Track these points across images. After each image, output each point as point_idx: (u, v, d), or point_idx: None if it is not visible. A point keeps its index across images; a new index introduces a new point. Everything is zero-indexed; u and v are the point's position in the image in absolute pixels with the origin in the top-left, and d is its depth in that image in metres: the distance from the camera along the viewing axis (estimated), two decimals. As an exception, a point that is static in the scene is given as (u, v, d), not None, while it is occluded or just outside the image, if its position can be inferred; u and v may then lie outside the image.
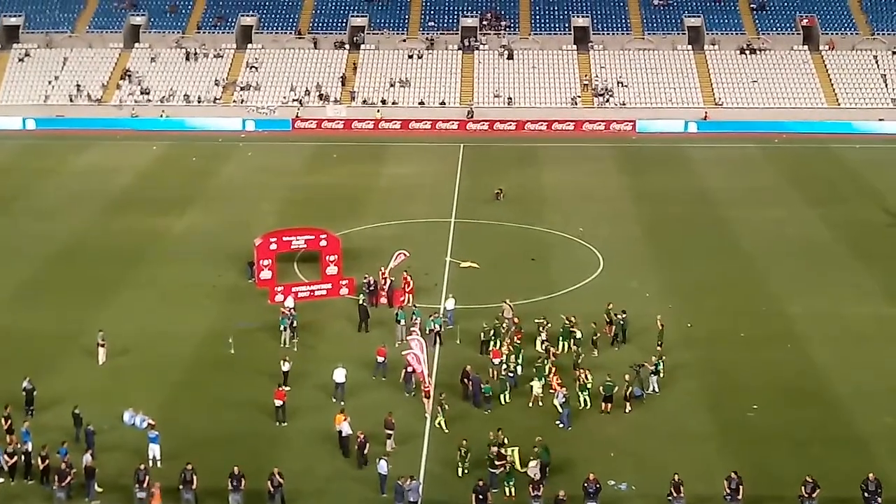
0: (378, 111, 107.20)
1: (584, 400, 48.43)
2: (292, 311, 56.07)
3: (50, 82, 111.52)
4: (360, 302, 57.35)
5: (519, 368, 50.78)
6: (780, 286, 63.53)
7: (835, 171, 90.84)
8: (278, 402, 47.42)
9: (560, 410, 47.36)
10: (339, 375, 49.87)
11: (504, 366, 50.58)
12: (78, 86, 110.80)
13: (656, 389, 49.81)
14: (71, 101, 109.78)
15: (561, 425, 46.99)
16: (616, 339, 55.07)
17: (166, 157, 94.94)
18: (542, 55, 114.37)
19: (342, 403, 48.46)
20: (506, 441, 43.79)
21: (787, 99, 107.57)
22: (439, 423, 46.52)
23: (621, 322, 55.35)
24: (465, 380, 49.45)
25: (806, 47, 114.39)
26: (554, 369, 50.24)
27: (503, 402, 49.18)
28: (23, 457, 43.32)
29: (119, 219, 76.44)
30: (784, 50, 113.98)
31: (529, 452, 43.35)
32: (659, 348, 52.70)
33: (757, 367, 52.78)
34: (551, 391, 48.69)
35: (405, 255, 62.35)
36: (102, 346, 52.98)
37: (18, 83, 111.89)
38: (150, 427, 44.61)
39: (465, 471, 43.16)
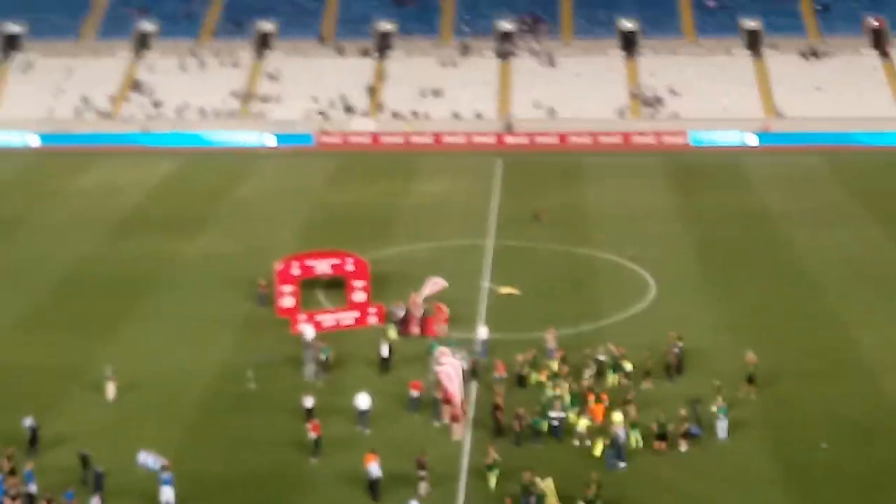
0: (408, 125, 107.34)
1: (636, 439, 48.24)
2: (319, 344, 56.07)
3: (54, 94, 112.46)
4: (382, 354, 56.31)
5: (563, 412, 49.90)
6: (849, 314, 63.14)
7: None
8: (313, 436, 47.64)
9: (602, 448, 47.20)
10: (363, 402, 50.17)
11: (543, 406, 50.32)
12: (84, 98, 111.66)
13: (723, 437, 49.28)
14: (77, 114, 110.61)
15: (618, 465, 46.79)
16: (669, 370, 54.86)
17: (179, 175, 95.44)
18: (586, 61, 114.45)
19: (367, 432, 49.38)
20: (539, 481, 43.69)
21: (854, 107, 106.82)
22: (490, 483, 45.49)
23: (677, 352, 55.20)
24: (497, 413, 49.51)
25: (875, 51, 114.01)
26: (591, 395, 50.64)
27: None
28: (27, 499, 43.52)
29: (127, 243, 76.89)
30: (851, 54, 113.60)
31: (578, 495, 43.26)
32: (751, 389, 52.69)
33: (825, 403, 52.37)
34: (591, 419, 49.20)
35: (443, 284, 62.22)
36: (112, 380, 53.18)
37: (20, 96, 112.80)
38: (164, 469, 44.68)
39: None
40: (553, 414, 49.17)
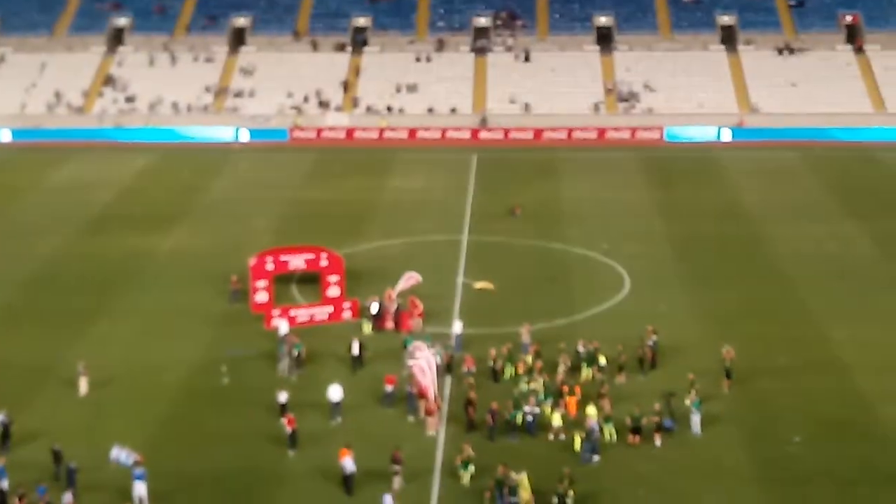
0: (383, 118, 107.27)
1: (610, 433, 48.43)
2: (293, 338, 56.07)
3: (26, 89, 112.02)
4: (353, 352, 55.87)
5: (537, 407, 49.90)
6: (822, 310, 63.44)
7: (882, 181, 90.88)
8: (289, 429, 47.81)
9: (580, 442, 47.37)
10: (335, 393, 50.51)
11: (516, 399, 50.38)
12: (57, 93, 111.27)
13: (697, 431, 49.46)
14: (49, 109, 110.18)
15: (592, 458, 46.97)
16: (643, 363, 55.05)
17: (152, 171, 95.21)
18: (562, 57, 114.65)
19: (339, 420, 49.85)
20: (513, 475, 43.79)
21: (829, 103, 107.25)
22: (464, 480, 45.37)
23: (651, 346, 55.47)
24: (469, 408, 49.65)
25: (849, 47, 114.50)
26: (565, 388, 51.08)
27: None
28: (-2, 496, 43.54)
29: (100, 239, 76.68)
30: (825, 50, 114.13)
31: (551, 490, 43.40)
32: (727, 383, 53.01)
33: (797, 399, 52.64)
34: (563, 412, 49.50)
35: (417, 278, 62.42)
36: (84, 375, 53.08)
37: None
38: (137, 464, 44.60)
39: None
40: (527, 409, 49.32)
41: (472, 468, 45.17)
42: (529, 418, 49.13)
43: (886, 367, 55.97)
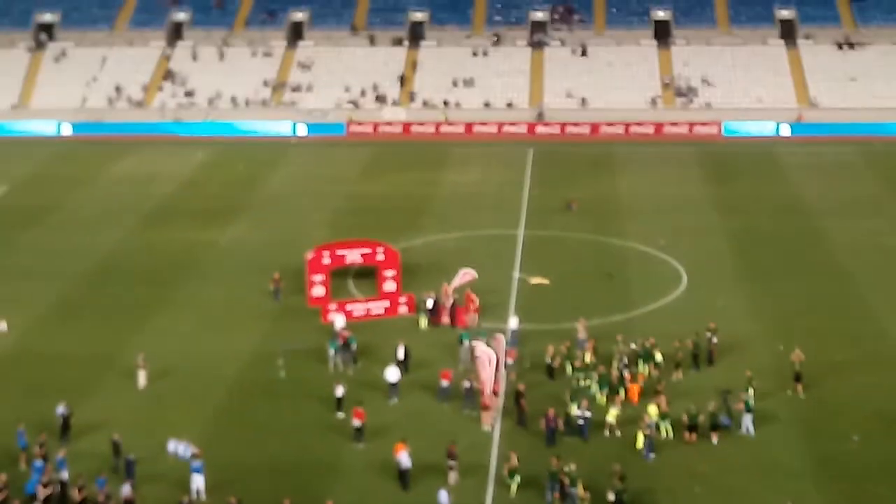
0: (443, 114, 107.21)
1: (666, 430, 48.20)
2: (346, 332, 56.20)
3: (87, 84, 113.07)
4: (398, 356, 55.01)
5: (589, 411, 49.14)
6: (880, 305, 62.85)
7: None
8: (357, 423, 47.89)
9: (643, 439, 47.12)
10: (392, 375, 51.31)
11: (573, 392, 50.18)
12: (117, 87, 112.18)
13: (750, 430, 48.94)
14: (110, 103, 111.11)
15: (650, 455, 46.78)
16: (697, 359, 54.72)
17: (211, 165, 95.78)
18: (619, 51, 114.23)
19: (395, 401, 50.82)
20: (570, 468, 43.65)
21: (889, 98, 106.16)
22: (512, 490, 44.71)
23: (709, 337, 55.24)
24: (519, 402, 49.57)
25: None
26: (629, 376, 51.42)
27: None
28: (58, 487, 43.86)
29: (160, 232, 77.25)
30: (886, 44, 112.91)
31: (606, 485, 43.25)
32: (798, 387, 52.28)
33: (856, 395, 52.16)
34: (618, 408, 49.23)
35: (473, 275, 62.32)
36: (143, 368, 53.47)
37: (54, 85, 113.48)
38: (195, 456, 44.91)
39: None
40: (578, 412, 48.85)
41: (518, 478, 44.66)
42: (581, 421, 48.77)
43: (947, 365, 55.43)
